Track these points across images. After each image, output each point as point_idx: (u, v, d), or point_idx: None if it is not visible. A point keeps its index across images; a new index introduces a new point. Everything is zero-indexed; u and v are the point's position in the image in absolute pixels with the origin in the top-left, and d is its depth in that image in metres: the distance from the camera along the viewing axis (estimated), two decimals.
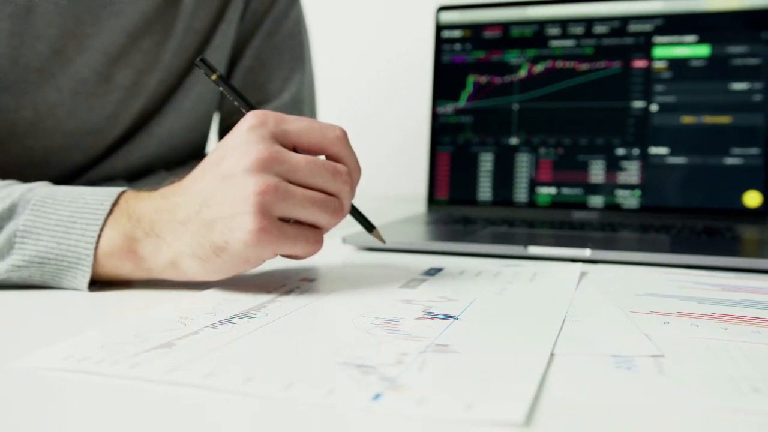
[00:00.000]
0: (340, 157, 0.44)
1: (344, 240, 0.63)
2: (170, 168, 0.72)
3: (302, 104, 0.78)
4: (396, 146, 1.30)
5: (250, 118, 0.42)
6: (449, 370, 0.29)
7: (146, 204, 0.43)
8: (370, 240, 0.62)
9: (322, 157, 0.44)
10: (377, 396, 0.25)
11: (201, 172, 0.43)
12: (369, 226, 0.50)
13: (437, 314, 0.38)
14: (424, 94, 1.06)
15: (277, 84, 0.77)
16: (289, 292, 0.43)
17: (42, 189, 0.45)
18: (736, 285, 0.48)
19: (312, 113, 0.81)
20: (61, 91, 0.62)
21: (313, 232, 0.43)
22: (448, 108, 0.93)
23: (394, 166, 1.30)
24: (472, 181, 0.91)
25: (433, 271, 0.51)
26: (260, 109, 0.45)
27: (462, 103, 0.93)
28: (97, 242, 0.42)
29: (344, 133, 0.44)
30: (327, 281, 0.47)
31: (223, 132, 0.82)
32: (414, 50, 1.22)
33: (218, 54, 0.73)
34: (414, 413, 0.24)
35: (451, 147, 0.93)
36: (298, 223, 0.43)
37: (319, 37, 1.05)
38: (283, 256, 0.45)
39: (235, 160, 0.41)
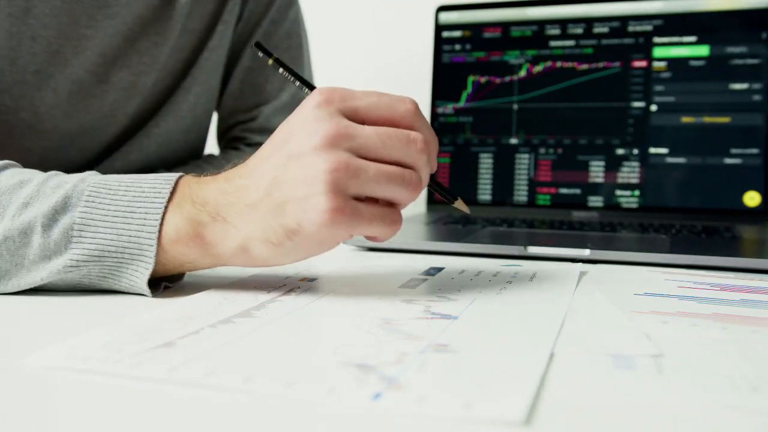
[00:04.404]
0: (414, 129, 0.41)
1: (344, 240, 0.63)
2: (169, 168, 0.72)
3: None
4: None
5: (317, 96, 0.40)
6: (449, 369, 0.29)
7: (210, 187, 0.41)
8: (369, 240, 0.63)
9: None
10: (377, 395, 0.25)
11: (266, 153, 0.41)
12: (450, 197, 0.47)
13: (437, 314, 0.38)
14: (423, 94, 1.06)
15: (276, 84, 0.77)
16: (289, 292, 0.43)
17: (93, 178, 0.43)
18: (736, 285, 0.48)
19: None
20: (58, 93, 0.62)
21: (390, 210, 0.41)
22: (448, 108, 0.93)
23: None
24: (471, 181, 0.91)
25: (433, 271, 0.51)
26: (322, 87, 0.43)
27: (462, 103, 0.93)
28: (160, 230, 0.40)
29: (415, 105, 0.41)
30: (327, 281, 0.47)
31: (222, 133, 0.82)
32: (414, 50, 1.22)
33: (216, 55, 0.73)
34: (414, 412, 0.24)
35: (451, 147, 0.93)
36: (373, 201, 0.40)
37: (318, 37, 1.05)
38: (366, 237, 0.43)
39: (303, 138, 0.39)
